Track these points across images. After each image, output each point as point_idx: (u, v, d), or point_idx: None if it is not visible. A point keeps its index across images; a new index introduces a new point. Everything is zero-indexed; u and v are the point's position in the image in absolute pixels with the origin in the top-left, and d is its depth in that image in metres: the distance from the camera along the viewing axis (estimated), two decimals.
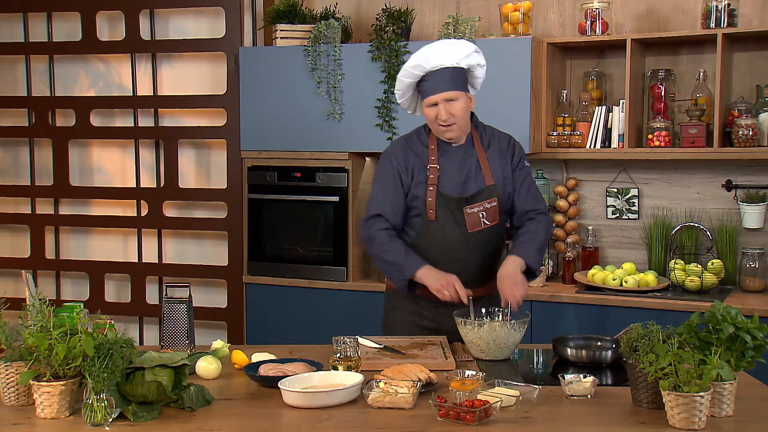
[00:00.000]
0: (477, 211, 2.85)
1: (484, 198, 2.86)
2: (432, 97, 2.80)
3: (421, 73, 2.81)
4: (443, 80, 2.79)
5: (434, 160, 2.87)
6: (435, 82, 2.79)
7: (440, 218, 2.85)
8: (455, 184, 2.86)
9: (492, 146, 2.94)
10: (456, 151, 2.90)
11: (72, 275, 5.11)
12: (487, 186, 2.87)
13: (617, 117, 4.05)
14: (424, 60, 2.79)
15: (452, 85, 2.79)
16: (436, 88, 2.79)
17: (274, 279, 4.49)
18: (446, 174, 2.87)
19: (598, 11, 4.06)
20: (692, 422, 1.97)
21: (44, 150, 5.06)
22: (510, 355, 2.65)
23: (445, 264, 2.84)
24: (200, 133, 4.83)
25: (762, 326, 2.10)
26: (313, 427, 2.04)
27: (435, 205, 2.84)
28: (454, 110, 2.79)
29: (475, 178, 2.88)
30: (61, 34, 5.00)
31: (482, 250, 2.90)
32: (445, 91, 2.78)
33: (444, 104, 2.79)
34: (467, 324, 2.63)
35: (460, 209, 2.85)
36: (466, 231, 2.85)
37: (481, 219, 2.86)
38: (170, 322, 2.70)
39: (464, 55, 2.82)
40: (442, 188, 2.85)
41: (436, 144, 2.90)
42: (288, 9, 4.44)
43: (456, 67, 2.80)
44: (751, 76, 4.04)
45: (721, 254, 4.03)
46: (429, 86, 2.81)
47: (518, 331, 2.62)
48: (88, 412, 2.03)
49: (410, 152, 2.92)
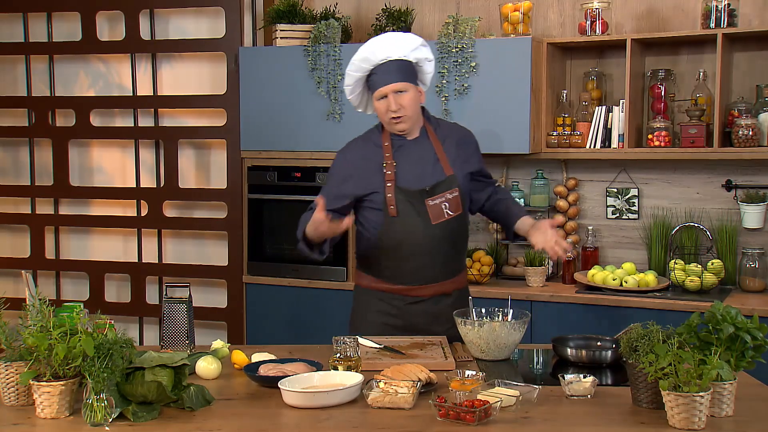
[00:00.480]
0: (439, 203, 2.85)
1: (445, 189, 2.86)
2: (381, 89, 2.81)
3: (369, 66, 2.82)
4: (391, 72, 2.80)
5: (389, 156, 2.87)
6: (383, 75, 2.81)
7: (402, 213, 2.84)
8: (414, 177, 2.86)
9: (449, 138, 2.95)
10: (411, 146, 2.90)
11: (72, 275, 5.11)
12: (447, 177, 2.87)
13: (617, 117, 4.05)
14: (371, 53, 2.80)
15: (400, 77, 2.80)
16: (384, 80, 2.80)
17: (274, 279, 4.49)
18: (403, 169, 2.87)
19: (598, 11, 4.06)
20: (692, 422, 1.97)
21: (44, 150, 5.06)
22: (510, 355, 2.65)
23: (412, 258, 2.86)
24: (200, 133, 4.83)
25: (762, 326, 2.10)
26: (313, 427, 2.04)
27: (395, 201, 2.84)
28: (404, 101, 2.80)
29: (434, 170, 2.88)
30: (61, 34, 5.00)
31: (448, 242, 2.89)
32: (394, 82, 2.80)
33: (393, 96, 2.80)
34: (467, 324, 2.63)
35: (421, 202, 2.84)
36: (430, 223, 2.84)
37: (444, 210, 2.85)
38: (170, 322, 2.70)
39: (411, 48, 2.84)
40: (400, 183, 2.85)
41: (390, 141, 2.90)
42: (288, 9, 4.45)
43: (404, 60, 2.82)
44: (751, 76, 4.04)
45: (721, 254, 4.03)
46: (378, 79, 2.82)
47: (518, 331, 2.62)
48: (88, 412, 2.03)
49: (365, 152, 2.92)
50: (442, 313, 2.90)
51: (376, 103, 2.86)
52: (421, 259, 2.86)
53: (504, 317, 2.73)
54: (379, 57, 2.80)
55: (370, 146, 2.93)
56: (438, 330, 2.89)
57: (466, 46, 4.06)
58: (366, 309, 2.99)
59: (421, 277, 2.89)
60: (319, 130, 4.38)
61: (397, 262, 2.89)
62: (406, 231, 2.85)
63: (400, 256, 2.87)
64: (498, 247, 4.38)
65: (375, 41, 2.82)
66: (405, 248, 2.86)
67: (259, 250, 4.57)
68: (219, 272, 4.78)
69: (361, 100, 2.97)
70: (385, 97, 2.81)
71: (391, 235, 2.87)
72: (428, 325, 2.90)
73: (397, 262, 2.89)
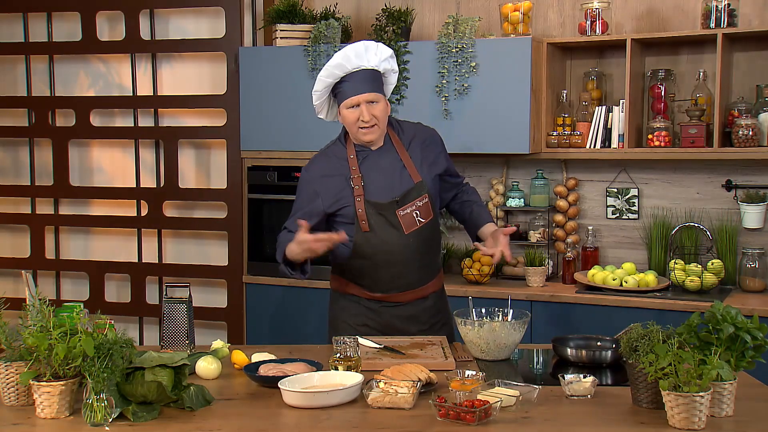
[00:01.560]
0: (410, 212, 2.82)
1: (415, 196, 2.83)
2: (353, 97, 2.76)
3: (341, 73, 2.77)
4: (365, 81, 2.77)
5: (356, 170, 2.83)
6: (355, 84, 2.76)
7: (374, 226, 2.81)
8: (382, 188, 2.82)
9: (413, 141, 2.91)
10: (376, 156, 2.86)
11: (72, 275, 5.11)
12: (415, 184, 2.84)
13: (617, 117, 4.05)
14: (346, 60, 2.76)
15: (373, 87, 2.78)
16: (357, 89, 2.76)
17: (274, 279, 4.48)
18: (371, 181, 2.83)
19: (598, 11, 4.06)
20: (692, 422, 1.97)
21: (44, 150, 5.06)
22: (510, 355, 2.65)
23: (387, 269, 2.84)
24: (200, 133, 4.83)
25: (762, 326, 2.10)
26: (313, 427, 2.04)
27: (366, 215, 2.80)
28: (376, 112, 2.77)
29: (401, 179, 2.84)
30: (61, 34, 5.00)
31: (422, 248, 2.86)
32: (368, 92, 2.76)
33: (366, 105, 2.76)
34: (467, 324, 2.63)
35: (392, 213, 2.81)
36: (403, 233, 2.82)
37: (416, 218, 2.83)
38: (170, 322, 2.70)
39: (383, 58, 2.81)
40: (369, 196, 2.81)
41: (354, 153, 2.86)
42: (288, 9, 4.45)
43: (374, 69, 2.80)
44: (751, 76, 4.04)
45: (721, 254, 4.03)
46: (350, 87, 2.77)
47: (518, 331, 2.62)
48: (88, 412, 2.03)
49: (329, 169, 2.87)
50: (418, 315, 2.91)
51: (345, 112, 2.79)
52: (397, 269, 2.85)
53: (504, 317, 2.73)
54: (353, 64, 2.76)
55: (333, 161, 2.88)
56: (413, 331, 2.89)
57: (466, 46, 4.06)
58: (342, 313, 2.97)
59: (397, 286, 2.88)
60: (319, 130, 4.36)
61: (372, 272, 2.87)
62: (380, 243, 2.82)
63: (376, 267, 2.85)
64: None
65: (350, 48, 2.78)
66: (380, 259, 2.84)
67: (259, 250, 4.57)
68: (219, 272, 4.78)
69: (323, 107, 2.92)
70: (356, 106, 2.76)
71: (364, 248, 2.84)
72: (405, 326, 2.89)
73: (373, 272, 2.87)
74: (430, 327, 2.92)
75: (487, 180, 4.55)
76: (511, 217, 4.51)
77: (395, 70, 2.89)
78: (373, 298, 2.91)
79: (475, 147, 4.13)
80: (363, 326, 2.91)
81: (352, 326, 2.91)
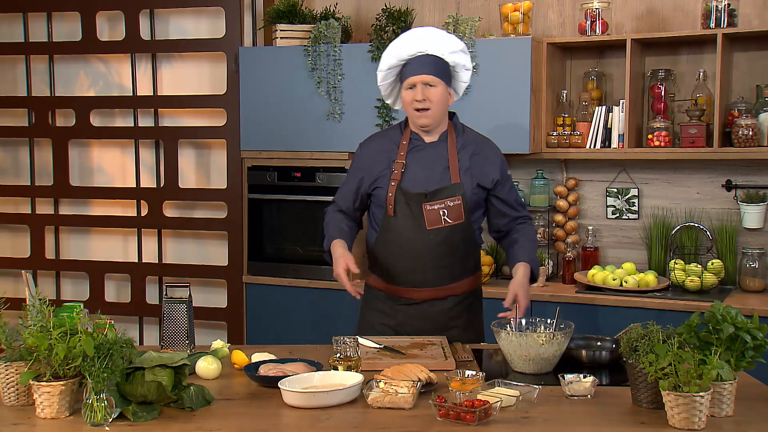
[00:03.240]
0: (437, 209, 2.82)
1: (447, 195, 2.83)
2: (411, 78, 2.80)
3: (405, 55, 2.82)
4: (425, 64, 2.80)
5: (402, 155, 2.87)
6: (416, 66, 2.81)
7: (399, 214, 2.84)
8: (418, 180, 2.85)
9: (468, 147, 2.91)
10: (427, 148, 2.89)
11: (72, 275, 5.11)
12: (451, 184, 2.84)
13: (617, 117, 4.05)
14: (410, 41, 2.80)
15: (433, 70, 2.80)
16: (416, 70, 2.80)
17: (274, 279, 4.48)
18: (411, 170, 2.86)
19: (598, 11, 4.06)
20: (692, 422, 1.97)
21: (44, 150, 5.06)
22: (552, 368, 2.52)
23: (402, 260, 2.86)
24: (200, 133, 4.83)
25: (762, 326, 2.10)
26: (313, 427, 2.04)
27: (394, 201, 2.84)
28: (431, 95, 2.79)
29: (441, 176, 2.85)
30: (61, 34, 5.00)
31: (442, 249, 2.86)
32: (425, 74, 2.79)
33: (422, 87, 2.79)
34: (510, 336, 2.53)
35: (419, 205, 2.83)
36: (424, 228, 2.83)
37: (442, 217, 2.83)
38: (170, 322, 2.70)
39: (451, 49, 2.83)
40: (404, 184, 2.84)
41: (408, 140, 2.90)
42: (288, 9, 4.45)
43: (440, 57, 2.82)
44: (751, 76, 4.04)
45: (721, 254, 4.03)
46: (410, 69, 2.82)
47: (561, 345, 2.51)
48: (88, 412, 2.03)
49: (382, 147, 2.93)
50: (434, 317, 2.91)
51: (404, 93, 2.85)
52: (412, 262, 2.86)
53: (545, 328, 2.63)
54: (415, 48, 2.80)
55: (386, 142, 2.94)
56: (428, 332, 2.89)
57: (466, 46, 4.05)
58: (367, 308, 3.02)
59: (411, 280, 2.89)
60: (319, 130, 4.38)
61: (390, 261, 2.90)
62: (400, 232, 2.85)
63: (393, 256, 2.88)
64: (498, 248, 4.38)
65: (416, 31, 2.83)
66: (397, 249, 2.86)
67: (259, 250, 4.57)
68: (219, 272, 4.78)
69: (390, 91, 2.96)
70: (413, 87, 2.80)
71: (387, 233, 2.87)
72: (419, 328, 2.90)
73: (391, 261, 2.90)
74: (442, 330, 2.90)
75: None
76: None
77: (467, 67, 2.90)
78: (388, 291, 2.92)
79: None
80: (381, 324, 2.94)
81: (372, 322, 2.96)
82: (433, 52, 2.81)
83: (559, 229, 4.36)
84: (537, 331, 2.63)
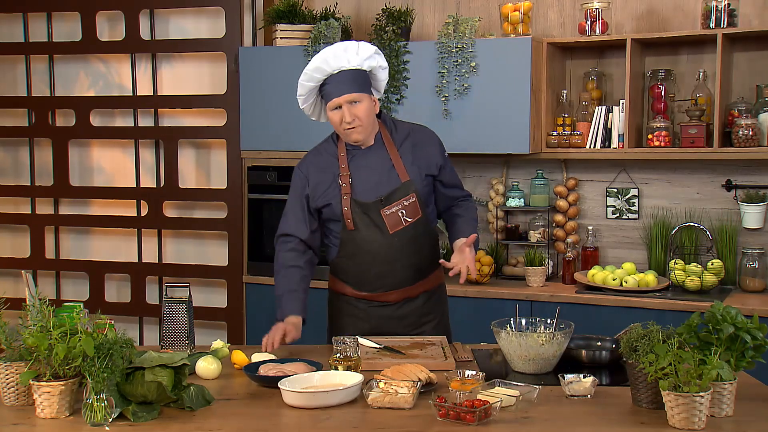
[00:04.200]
0: (396, 211, 2.81)
1: (401, 196, 2.81)
2: (335, 99, 2.75)
3: (322, 76, 2.76)
4: (345, 82, 2.75)
5: (345, 168, 2.83)
6: (337, 85, 2.75)
7: (359, 225, 2.82)
8: (369, 187, 2.82)
9: (406, 141, 2.88)
10: (366, 154, 2.85)
11: (72, 275, 5.11)
12: (402, 183, 2.82)
13: (617, 117, 4.05)
14: (324, 63, 2.74)
15: (354, 87, 2.75)
16: (338, 90, 2.74)
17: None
18: (359, 179, 2.83)
19: (598, 11, 4.06)
20: (692, 422, 1.97)
21: (44, 150, 5.06)
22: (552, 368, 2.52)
23: (374, 269, 2.85)
24: (200, 133, 4.83)
25: (762, 326, 2.10)
26: (313, 427, 2.04)
27: (351, 214, 2.81)
28: (358, 112, 2.75)
29: (389, 178, 2.82)
30: (61, 34, 5.00)
31: (408, 249, 2.85)
32: (347, 93, 2.74)
33: (347, 106, 2.74)
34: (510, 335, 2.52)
35: (377, 212, 2.80)
36: (388, 233, 2.81)
37: (401, 217, 2.81)
38: (170, 322, 2.70)
39: (365, 56, 2.78)
40: (356, 195, 2.81)
41: (345, 151, 2.86)
42: (288, 9, 4.45)
43: (358, 69, 2.77)
44: (751, 76, 4.04)
45: (721, 254, 4.03)
46: (331, 89, 2.76)
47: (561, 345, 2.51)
48: (88, 412, 2.03)
49: (319, 164, 2.88)
50: (407, 315, 2.91)
51: (330, 114, 2.80)
52: (382, 267, 2.85)
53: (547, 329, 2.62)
54: (333, 66, 2.74)
55: (324, 157, 2.89)
56: (402, 333, 2.89)
57: (466, 46, 4.06)
58: (338, 314, 3.00)
59: (383, 285, 2.88)
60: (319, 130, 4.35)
61: (359, 270, 2.88)
62: (365, 242, 2.83)
63: (361, 265, 2.87)
64: (498, 247, 4.38)
65: (328, 50, 2.76)
66: (365, 258, 2.84)
67: (259, 250, 4.56)
68: (219, 272, 4.78)
69: (313, 109, 2.91)
70: (339, 107, 2.76)
71: (349, 246, 2.86)
72: (393, 328, 2.89)
73: (360, 270, 2.88)
74: (418, 327, 2.91)
75: (487, 180, 4.55)
76: (511, 217, 4.51)
77: (383, 66, 2.86)
78: (361, 297, 2.91)
79: (475, 147, 4.13)
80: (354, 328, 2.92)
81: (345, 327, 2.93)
82: (349, 65, 2.76)
83: (559, 229, 4.37)
84: (537, 331, 2.62)
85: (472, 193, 4.45)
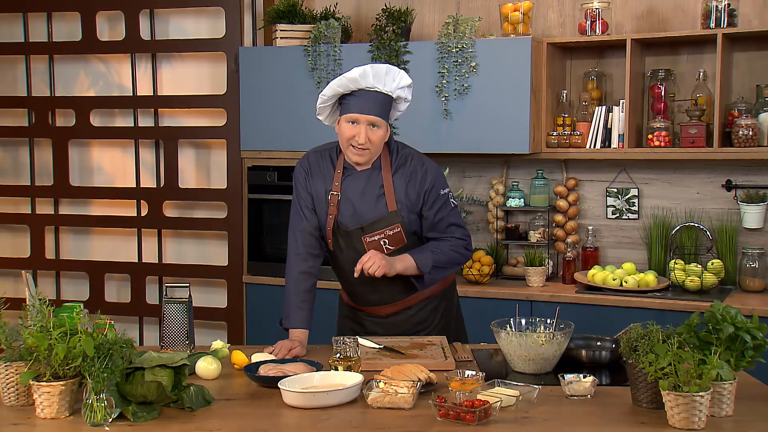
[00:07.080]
0: (378, 239, 2.76)
1: (385, 225, 2.76)
2: (356, 115, 2.67)
3: (354, 87, 2.68)
4: (374, 103, 2.68)
5: (337, 186, 2.79)
6: (364, 102, 2.67)
7: (341, 246, 2.82)
8: (354, 212, 2.78)
9: (402, 169, 2.78)
10: (360, 177, 2.79)
11: (72, 275, 5.11)
12: (389, 213, 2.75)
13: (617, 117, 4.05)
14: (364, 77, 2.66)
15: (379, 111, 2.69)
16: (363, 108, 2.67)
17: (274, 279, 4.48)
18: (346, 203, 2.78)
19: (598, 11, 4.06)
20: (692, 422, 1.97)
21: (44, 150, 5.06)
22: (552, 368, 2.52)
23: (357, 289, 2.89)
24: (200, 133, 4.83)
25: (762, 326, 2.10)
26: (313, 427, 2.04)
27: (332, 235, 2.81)
28: (374, 137, 2.69)
29: (377, 205, 2.77)
30: (61, 34, 5.00)
31: None
32: (372, 114, 2.67)
33: (366, 128, 2.67)
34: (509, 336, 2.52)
35: (358, 239, 2.78)
36: None
37: (383, 246, 2.76)
38: (170, 322, 2.70)
39: (400, 85, 2.73)
40: (340, 218, 2.78)
41: (342, 168, 2.80)
42: (288, 9, 4.45)
43: (388, 94, 2.71)
44: (751, 76, 4.04)
45: (721, 254, 4.03)
46: (357, 103, 2.68)
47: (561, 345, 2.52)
48: (88, 412, 2.03)
49: (320, 167, 2.84)
50: (399, 324, 2.92)
51: (344, 124, 2.71)
52: (364, 288, 2.87)
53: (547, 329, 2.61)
54: (369, 84, 2.67)
55: (325, 163, 2.84)
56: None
57: (466, 46, 4.06)
58: (340, 315, 3.09)
59: (369, 302, 2.91)
60: (319, 130, 4.35)
61: (345, 284, 2.96)
62: (346, 263, 2.83)
63: (345, 282, 2.93)
64: (498, 247, 4.38)
65: (374, 68, 2.69)
66: (348, 277, 2.83)
67: (259, 250, 4.56)
68: (219, 272, 4.78)
69: (326, 110, 2.82)
70: (355, 123, 2.69)
71: (334, 262, 2.91)
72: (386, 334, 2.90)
73: (346, 284, 2.95)
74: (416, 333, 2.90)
75: (487, 180, 4.55)
76: (511, 217, 4.51)
77: (408, 100, 2.80)
78: (355, 308, 2.98)
79: (475, 147, 4.13)
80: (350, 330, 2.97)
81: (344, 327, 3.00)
82: (383, 89, 2.69)
83: (559, 229, 4.37)
84: (537, 331, 2.62)
85: (472, 194, 4.52)
